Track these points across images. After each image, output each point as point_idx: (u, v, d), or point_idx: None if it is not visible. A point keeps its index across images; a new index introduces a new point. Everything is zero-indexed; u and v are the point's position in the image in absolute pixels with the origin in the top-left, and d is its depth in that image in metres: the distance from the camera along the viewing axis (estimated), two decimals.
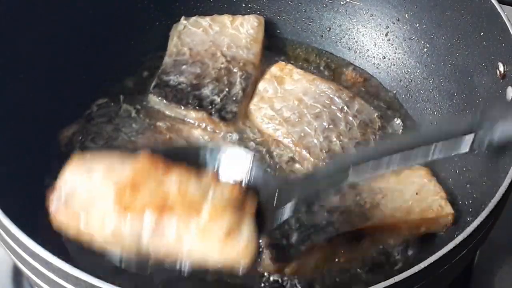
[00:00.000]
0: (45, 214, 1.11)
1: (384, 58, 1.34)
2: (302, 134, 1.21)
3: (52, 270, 0.86)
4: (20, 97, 1.15)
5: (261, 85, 1.28)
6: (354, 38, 1.37)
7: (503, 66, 1.09)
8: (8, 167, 1.06)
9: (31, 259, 0.88)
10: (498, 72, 1.09)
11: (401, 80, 1.32)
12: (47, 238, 0.89)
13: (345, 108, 1.24)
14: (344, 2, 1.36)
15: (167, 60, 1.29)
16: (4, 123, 1.10)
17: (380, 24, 1.34)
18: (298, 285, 1.07)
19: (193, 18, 1.34)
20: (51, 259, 0.84)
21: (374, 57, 1.35)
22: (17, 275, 1.14)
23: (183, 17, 1.34)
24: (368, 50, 1.36)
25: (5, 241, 0.91)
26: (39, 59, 1.19)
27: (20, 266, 0.93)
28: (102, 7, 1.28)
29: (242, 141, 1.23)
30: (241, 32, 1.32)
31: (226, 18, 1.34)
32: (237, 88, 1.25)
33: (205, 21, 1.33)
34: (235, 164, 0.94)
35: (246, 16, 1.35)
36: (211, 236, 0.86)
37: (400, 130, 1.22)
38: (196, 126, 1.23)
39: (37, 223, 1.02)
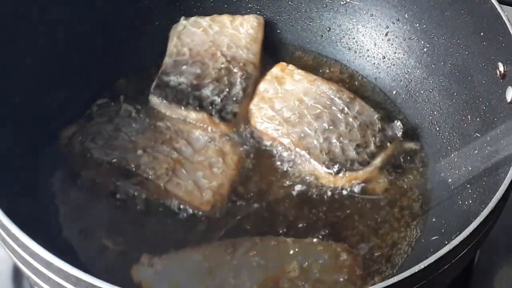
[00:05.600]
0: (45, 214, 1.12)
1: (384, 58, 1.34)
2: (302, 135, 1.21)
3: (52, 270, 0.86)
4: (20, 97, 1.15)
5: (262, 86, 1.28)
6: (354, 38, 1.37)
7: (503, 66, 1.09)
8: (8, 167, 1.06)
9: (31, 259, 0.88)
10: (498, 72, 1.09)
11: (401, 80, 1.32)
12: (47, 238, 0.89)
13: (346, 109, 1.24)
14: (344, 2, 1.36)
15: (167, 60, 1.29)
16: (4, 123, 1.10)
17: (380, 24, 1.34)
18: None
19: (192, 18, 1.34)
20: (51, 259, 0.84)
21: (374, 57, 1.35)
22: (17, 275, 1.15)
23: (182, 17, 1.34)
24: (368, 50, 1.36)
25: (5, 241, 0.91)
26: (38, 59, 1.19)
27: (20, 266, 0.93)
28: (102, 7, 1.28)
29: (242, 142, 1.23)
30: (240, 32, 1.32)
31: (225, 18, 1.34)
32: (238, 88, 1.25)
33: (204, 21, 1.33)
34: None
35: (246, 16, 1.35)
36: None
37: (400, 132, 1.22)
38: (196, 126, 1.23)
39: (37, 223, 1.02)
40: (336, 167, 1.17)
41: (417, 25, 1.29)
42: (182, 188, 1.14)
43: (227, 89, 1.25)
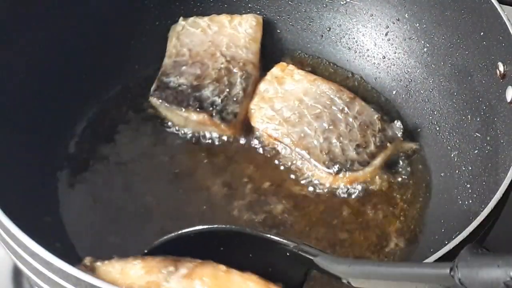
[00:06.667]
0: (45, 214, 1.12)
1: (384, 58, 1.34)
2: (302, 135, 1.21)
3: (52, 270, 0.86)
4: (21, 99, 1.15)
5: (262, 86, 1.28)
6: (354, 38, 1.37)
7: (503, 66, 1.08)
8: (8, 167, 1.06)
9: (31, 259, 0.88)
10: (498, 72, 1.09)
11: (401, 80, 1.32)
12: (47, 238, 0.89)
13: (346, 109, 1.24)
14: (344, 2, 1.36)
15: (166, 61, 1.29)
16: (5, 124, 1.10)
17: (380, 24, 1.34)
18: None
19: (191, 19, 1.34)
20: (51, 259, 0.84)
21: (374, 57, 1.35)
22: (17, 275, 1.14)
23: (181, 18, 1.34)
24: (368, 50, 1.36)
25: (5, 241, 0.91)
26: (39, 61, 1.20)
27: (20, 266, 0.93)
28: (100, 7, 1.28)
29: (242, 142, 1.23)
30: (239, 31, 1.32)
31: (224, 18, 1.34)
32: (238, 89, 1.25)
33: (203, 21, 1.33)
34: None
35: (244, 15, 1.35)
36: None
37: (400, 132, 1.22)
38: (198, 125, 1.23)
39: (37, 223, 1.02)
40: (336, 167, 1.17)
41: (417, 25, 1.29)
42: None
43: (227, 90, 1.25)
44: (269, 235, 0.93)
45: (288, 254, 0.91)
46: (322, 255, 0.89)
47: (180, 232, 0.97)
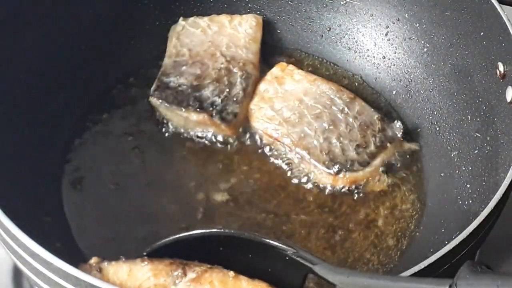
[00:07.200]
0: (46, 214, 1.12)
1: (384, 58, 1.34)
2: (302, 135, 1.21)
3: (52, 270, 0.86)
4: (21, 99, 1.15)
5: (262, 86, 1.27)
6: (354, 38, 1.37)
7: (503, 66, 1.09)
8: (8, 167, 1.06)
9: (31, 259, 0.88)
10: (498, 72, 1.09)
11: (401, 80, 1.32)
12: (47, 239, 0.89)
13: (346, 109, 1.24)
14: (344, 2, 1.36)
15: (166, 61, 1.29)
16: (5, 123, 1.10)
17: (380, 24, 1.34)
18: None
19: (191, 19, 1.34)
20: (51, 259, 0.84)
21: (374, 57, 1.35)
22: (17, 275, 1.14)
23: (181, 18, 1.34)
24: (368, 50, 1.36)
25: (5, 241, 0.91)
26: (39, 61, 1.20)
27: (20, 266, 0.93)
28: (100, 7, 1.28)
29: (242, 142, 1.23)
30: (239, 31, 1.32)
31: (224, 18, 1.34)
32: (238, 89, 1.25)
33: (203, 21, 1.33)
34: None
35: (244, 15, 1.35)
36: None
37: (401, 133, 1.22)
38: (197, 125, 1.23)
39: (37, 223, 1.02)
40: (336, 167, 1.17)
41: (417, 25, 1.29)
42: None
43: (227, 90, 1.25)
44: (267, 240, 0.93)
45: (287, 258, 0.91)
46: (321, 264, 0.89)
47: (180, 235, 0.97)
